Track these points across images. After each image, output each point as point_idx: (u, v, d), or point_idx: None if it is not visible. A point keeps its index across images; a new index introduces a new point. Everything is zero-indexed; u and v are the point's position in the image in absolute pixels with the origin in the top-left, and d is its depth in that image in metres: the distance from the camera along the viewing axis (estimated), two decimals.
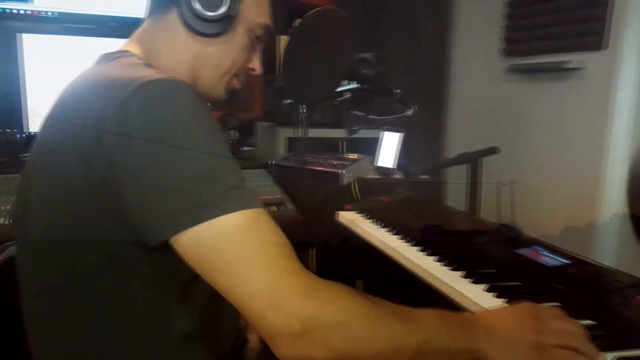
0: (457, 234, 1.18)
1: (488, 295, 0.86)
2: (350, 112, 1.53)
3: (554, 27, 1.61)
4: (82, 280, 0.64)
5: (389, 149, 1.56)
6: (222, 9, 0.73)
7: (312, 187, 1.53)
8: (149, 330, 0.67)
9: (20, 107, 1.55)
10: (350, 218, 1.33)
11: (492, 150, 1.42)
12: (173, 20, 0.75)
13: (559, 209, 1.54)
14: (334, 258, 1.49)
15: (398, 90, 1.30)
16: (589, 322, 0.75)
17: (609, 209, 1.43)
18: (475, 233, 1.16)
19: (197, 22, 0.74)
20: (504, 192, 1.24)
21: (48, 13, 1.58)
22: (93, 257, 0.63)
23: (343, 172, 1.48)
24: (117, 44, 0.79)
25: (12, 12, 1.54)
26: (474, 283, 0.90)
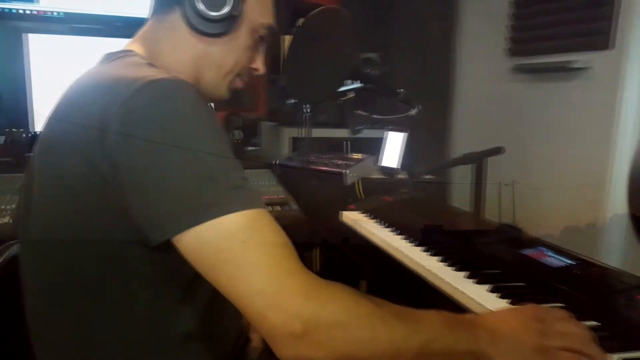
0: (461, 234, 1.17)
1: (492, 296, 0.85)
2: (354, 111, 1.53)
3: (560, 26, 1.60)
4: (83, 280, 0.64)
5: (393, 149, 1.56)
6: (225, 9, 0.73)
7: (315, 187, 1.53)
8: (151, 330, 0.67)
9: (26, 106, 1.56)
10: (354, 218, 1.33)
11: (497, 150, 1.41)
12: (176, 20, 0.75)
13: (565, 209, 1.53)
14: (338, 258, 1.49)
15: (401, 90, 1.30)
16: (594, 323, 0.75)
17: (615, 210, 1.42)
18: (479, 233, 1.15)
19: (200, 22, 0.74)
20: (508, 192, 1.24)
21: (54, 13, 1.58)
22: (94, 256, 0.63)
23: (347, 172, 1.48)
24: (122, 44, 0.79)
25: (18, 12, 1.55)
26: (478, 283, 0.90)
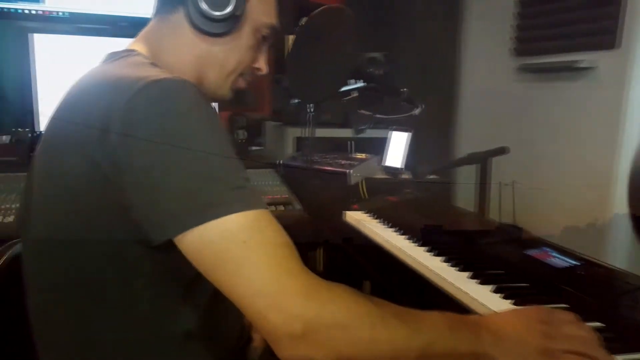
0: (464, 235, 1.17)
1: (495, 297, 0.85)
2: (358, 111, 1.53)
3: (565, 26, 1.59)
4: (84, 279, 0.64)
5: (397, 149, 1.55)
6: (228, 9, 0.73)
7: (319, 186, 1.53)
8: (152, 329, 0.67)
9: (32, 106, 1.57)
10: (357, 218, 1.33)
11: (501, 150, 1.40)
12: (179, 20, 0.75)
13: (570, 210, 1.52)
14: (342, 258, 1.49)
15: (405, 89, 1.29)
16: (598, 324, 0.74)
17: (620, 210, 1.41)
18: (483, 233, 1.15)
19: (203, 21, 0.74)
20: (514, 192, 1.23)
21: (59, 13, 1.59)
22: (95, 255, 0.63)
23: (350, 171, 1.48)
24: (127, 44, 0.80)
25: (23, 12, 1.56)
26: (481, 284, 0.89)
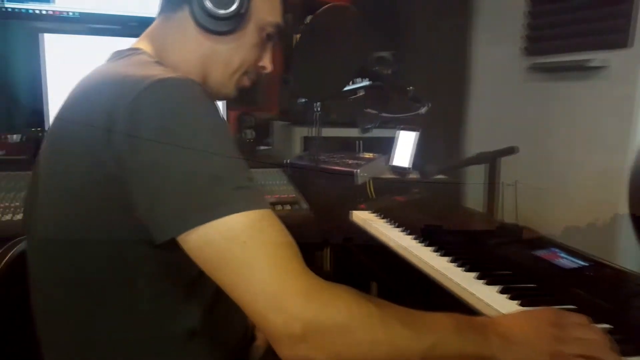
0: (472, 235, 1.16)
1: (502, 297, 0.84)
2: (364, 110, 1.52)
3: (577, 24, 1.57)
4: (87, 277, 0.65)
5: (405, 148, 1.55)
6: (232, 7, 0.73)
7: (326, 186, 1.53)
8: (155, 327, 0.67)
9: (42, 106, 1.58)
10: (364, 217, 1.32)
11: (510, 150, 1.39)
12: (184, 18, 0.75)
13: (580, 210, 1.50)
14: (349, 258, 1.48)
15: (411, 88, 1.28)
16: (606, 325, 0.73)
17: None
18: (491, 234, 1.14)
19: (208, 20, 0.74)
20: (520, 192, 1.22)
21: (69, 13, 1.60)
22: (99, 254, 0.63)
23: (358, 171, 1.47)
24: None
25: (34, 12, 1.57)
26: (488, 284, 0.88)
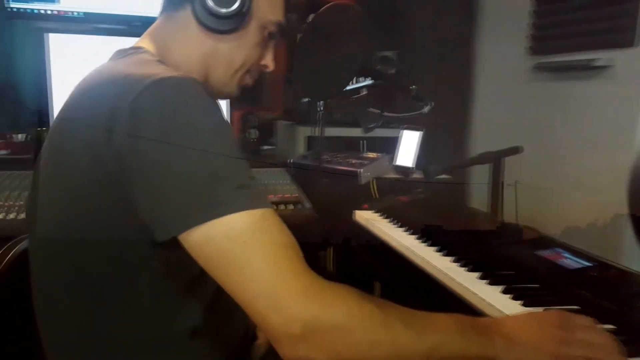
0: (475, 235, 1.15)
1: (505, 297, 0.83)
2: (367, 109, 1.52)
3: (582, 23, 1.56)
4: (88, 275, 0.65)
5: (409, 148, 1.54)
6: (234, 6, 0.73)
7: (330, 186, 1.52)
8: (156, 326, 0.67)
9: (47, 105, 1.59)
10: (367, 217, 1.32)
11: (514, 150, 1.38)
12: (186, 17, 0.75)
13: (585, 210, 1.50)
14: (352, 257, 1.48)
15: (414, 87, 1.27)
16: (610, 326, 0.72)
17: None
18: (494, 234, 1.13)
19: (209, 18, 0.74)
20: (516, 192, 1.21)
21: (74, 13, 1.61)
22: (100, 252, 0.63)
23: (361, 171, 1.47)
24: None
25: (39, 12, 1.58)
26: (491, 284, 0.88)
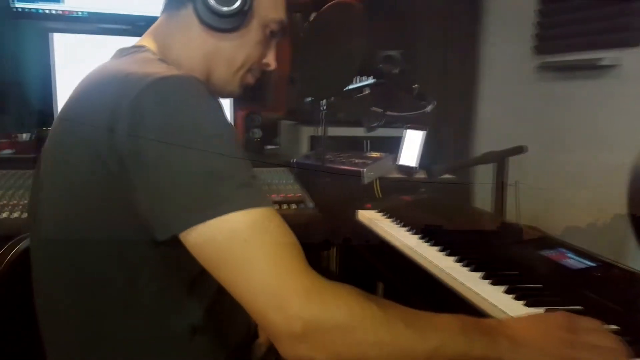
0: (478, 234, 1.15)
1: (507, 297, 0.82)
2: (370, 109, 1.51)
3: (588, 23, 1.56)
4: (89, 274, 0.65)
5: (412, 148, 1.53)
6: (236, 4, 0.73)
7: (333, 185, 1.52)
8: (157, 324, 0.67)
9: (52, 105, 1.60)
10: (370, 217, 1.31)
11: (519, 150, 1.37)
12: (188, 16, 0.75)
13: (590, 210, 1.49)
14: (355, 257, 1.48)
15: (416, 85, 1.27)
16: (613, 327, 0.72)
17: None
18: (497, 234, 1.12)
19: (211, 17, 0.74)
20: (518, 192, 1.20)
21: (78, 13, 1.62)
22: (101, 251, 0.63)
23: (364, 170, 1.47)
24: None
25: (44, 12, 1.59)
26: (493, 284, 0.87)
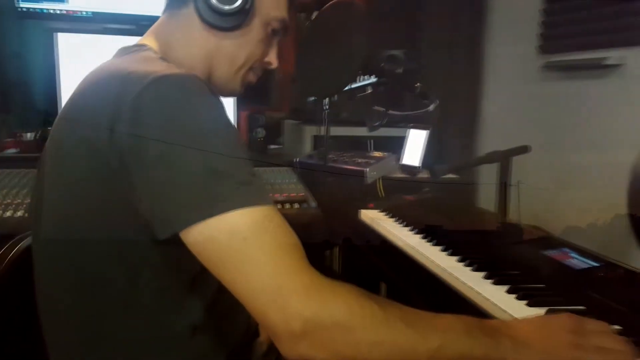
0: (481, 234, 1.14)
1: (509, 297, 0.82)
2: (372, 108, 1.51)
3: (593, 22, 1.55)
4: (90, 274, 0.65)
5: (415, 147, 1.53)
6: (237, 3, 0.73)
7: (336, 185, 1.52)
8: (158, 323, 0.67)
9: (56, 104, 1.61)
10: (372, 216, 1.31)
11: (523, 149, 1.36)
12: (189, 15, 0.75)
13: (594, 210, 1.48)
14: (357, 256, 1.48)
15: (418, 84, 1.26)
16: (616, 327, 0.71)
17: None
18: (500, 233, 1.12)
19: (213, 15, 0.74)
20: (519, 192, 1.19)
21: (82, 13, 1.63)
22: (101, 250, 0.64)
23: (367, 170, 1.46)
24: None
25: (49, 12, 1.60)
26: (496, 284, 0.87)
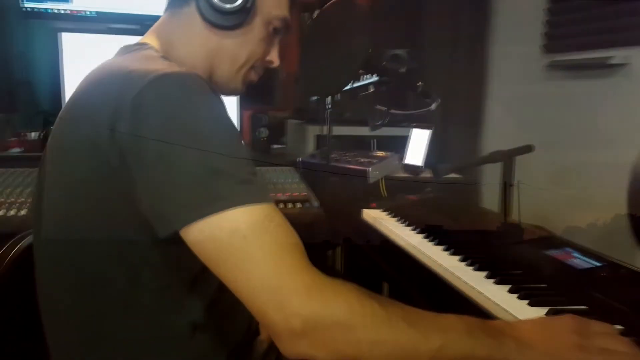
0: (483, 234, 1.14)
1: (511, 297, 0.82)
2: (375, 107, 1.51)
3: (597, 21, 1.54)
4: (91, 273, 0.65)
5: (418, 146, 1.53)
6: (239, 2, 0.73)
7: (338, 184, 1.52)
8: (159, 322, 0.67)
9: (61, 104, 1.61)
10: (375, 216, 1.31)
11: (527, 149, 1.35)
12: (191, 13, 0.76)
13: (599, 210, 1.47)
14: (360, 256, 1.47)
15: (420, 83, 1.26)
16: (618, 327, 0.71)
17: None
18: (502, 233, 1.12)
19: (214, 14, 0.74)
20: (519, 192, 1.19)
21: (86, 12, 1.63)
22: (102, 250, 0.64)
23: (370, 169, 1.46)
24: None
25: (53, 12, 1.61)
26: (497, 284, 0.87)
